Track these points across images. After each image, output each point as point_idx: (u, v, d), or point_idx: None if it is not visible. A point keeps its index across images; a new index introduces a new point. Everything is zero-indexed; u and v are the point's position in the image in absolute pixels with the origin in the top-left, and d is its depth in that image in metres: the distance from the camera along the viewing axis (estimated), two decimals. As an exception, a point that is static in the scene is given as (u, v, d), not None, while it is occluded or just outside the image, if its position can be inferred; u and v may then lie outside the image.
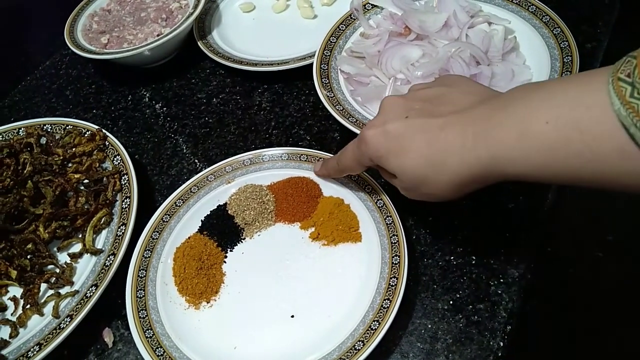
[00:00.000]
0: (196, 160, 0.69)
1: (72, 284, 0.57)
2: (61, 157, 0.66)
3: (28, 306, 0.56)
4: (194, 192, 0.62)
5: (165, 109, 0.77)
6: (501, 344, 0.49)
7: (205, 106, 0.76)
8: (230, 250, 0.58)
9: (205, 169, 0.67)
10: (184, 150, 0.71)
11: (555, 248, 0.78)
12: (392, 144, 0.44)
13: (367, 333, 0.48)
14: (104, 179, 0.64)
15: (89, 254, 0.59)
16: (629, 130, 0.31)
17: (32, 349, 0.52)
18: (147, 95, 0.79)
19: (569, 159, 0.35)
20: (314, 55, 0.73)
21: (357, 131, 0.61)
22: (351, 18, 0.76)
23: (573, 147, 0.34)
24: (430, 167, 0.42)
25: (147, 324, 0.52)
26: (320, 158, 0.61)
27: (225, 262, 0.57)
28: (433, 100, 0.45)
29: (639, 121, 0.31)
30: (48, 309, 0.56)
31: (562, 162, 0.36)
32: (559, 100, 0.36)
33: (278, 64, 0.75)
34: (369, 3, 0.76)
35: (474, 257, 0.54)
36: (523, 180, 0.39)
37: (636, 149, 0.32)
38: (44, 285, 0.58)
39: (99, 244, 0.59)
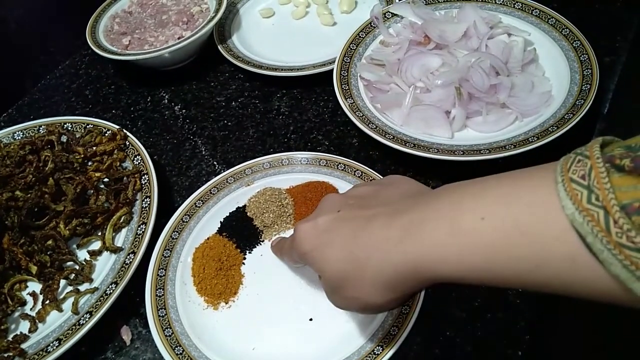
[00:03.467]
0: (215, 163, 0.70)
1: (91, 280, 0.58)
2: (82, 156, 0.67)
3: (47, 302, 0.57)
4: (213, 194, 0.62)
5: (184, 111, 0.78)
6: (520, 353, 0.49)
7: (224, 109, 0.77)
8: (249, 252, 0.58)
9: (224, 171, 0.67)
10: (203, 152, 0.71)
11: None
12: (319, 238, 0.41)
13: (386, 338, 0.48)
14: (124, 178, 0.65)
15: (108, 251, 0.59)
16: (586, 239, 0.27)
17: (51, 344, 0.52)
18: (167, 97, 0.80)
19: (511, 263, 0.31)
20: (333, 61, 0.74)
21: (377, 137, 0.62)
22: (371, 26, 0.76)
23: (515, 250, 0.30)
24: (353, 262, 0.38)
25: (166, 323, 0.52)
26: (340, 163, 0.62)
27: (244, 263, 0.57)
28: (367, 196, 0.42)
29: (599, 232, 0.26)
30: (67, 305, 0.56)
31: (504, 265, 0.31)
32: (495, 195, 0.32)
33: (298, 69, 0.75)
34: (389, 12, 0.77)
35: (492, 266, 0.54)
36: (461, 284, 0.35)
37: (591, 258, 0.28)
38: (63, 282, 0.58)
39: (118, 242, 0.60)
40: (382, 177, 0.59)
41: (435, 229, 0.34)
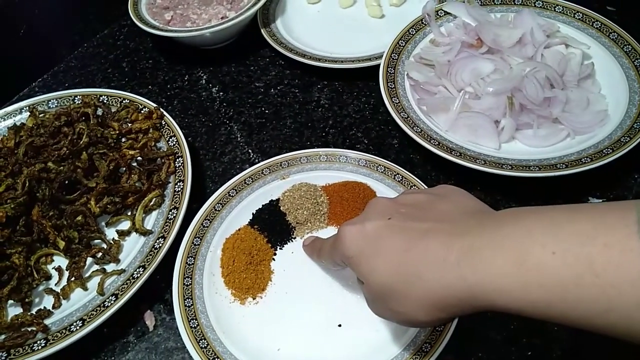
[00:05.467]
0: (250, 150, 0.68)
1: (118, 261, 0.57)
2: (117, 131, 0.65)
3: (73, 278, 0.56)
4: (247, 184, 0.61)
5: (221, 93, 0.76)
6: (553, 383, 0.47)
7: (262, 96, 0.75)
8: (280, 248, 0.57)
9: (258, 160, 0.66)
10: (238, 139, 0.70)
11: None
12: (367, 244, 0.39)
13: (418, 354, 0.47)
14: (158, 159, 0.63)
15: (137, 233, 0.58)
16: None
17: (75, 324, 0.51)
18: (204, 77, 0.78)
19: (580, 303, 0.29)
20: (379, 56, 0.71)
21: (422, 142, 0.60)
22: (422, 23, 0.73)
23: (586, 290, 0.29)
24: (402, 276, 0.36)
25: (192, 314, 0.51)
26: (380, 165, 0.60)
27: (274, 259, 0.56)
28: (421, 206, 0.40)
29: None
30: (92, 284, 0.56)
31: (571, 305, 0.29)
32: (568, 230, 0.30)
33: (342, 61, 0.73)
34: (442, 9, 0.74)
35: (531, 288, 0.52)
36: (515, 315, 0.33)
37: None
38: (89, 260, 0.57)
39: (148, 225, 0.59)
40: (424, 185, 0.57)
41: (500, 257, 0.32)
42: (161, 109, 0.67)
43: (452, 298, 0.34)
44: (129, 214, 0.60)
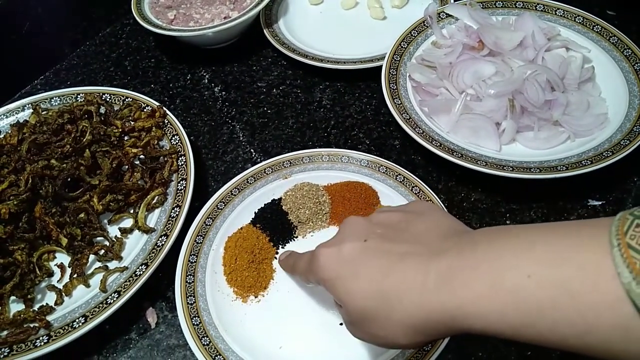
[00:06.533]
0: (252, 150, 0.68)
1: (120, 258, 0.57)
2: (119, 130, 0.66)
3: (75, 275, 0.56)
4: (250, 183, 0.61)
5: (224, 93, 0.76)
6: (552, 382, 0.48)
7: (264, 96, 0.75)
8: (282, 247, 0.57)
9: (260, 159, 0.66)
10: (240, 138, 0.70)
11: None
12: (344, 267, 0.38)
13: (419, 354, 0.47)
14: (161, 157, 0.64)
15: (140, 231, 0.58)
16: None
17: (77, 320, 0.52)
18: (207, 76, 0.79)
19: (557, 325, 0.29)
20: (381, 57, 0.72)
21: (423, 143, 0.60)
22: (424, 25, 0.74)
23: (562, 312, 0.28)
24: (382, 300, 0.36)
25: (194, 311, 0.52)
26: (382, 166, 0.60)
27: (276, 258, 0.56)
28: (397, 226, 0.40)
29: None
30: (94, 281, 0.56)
31: (548, 327, 0.29)
32: (542, 252, 0.30)
33: (344, 62, 0.73)
34: (444, 12, 0.75)
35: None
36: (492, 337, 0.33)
37: None
38: (91, 257, 0.58)
39: (150, 223, 0.59)
40: (425, 185, 0.58)
41: (476, 281, 0.32)
42: (164, 108, 0.67)
43: (432, 322, 0.34)
44: (132, 211, 0.61)
